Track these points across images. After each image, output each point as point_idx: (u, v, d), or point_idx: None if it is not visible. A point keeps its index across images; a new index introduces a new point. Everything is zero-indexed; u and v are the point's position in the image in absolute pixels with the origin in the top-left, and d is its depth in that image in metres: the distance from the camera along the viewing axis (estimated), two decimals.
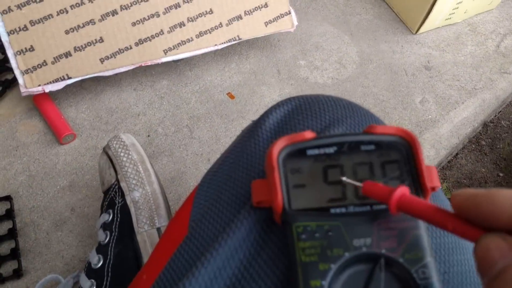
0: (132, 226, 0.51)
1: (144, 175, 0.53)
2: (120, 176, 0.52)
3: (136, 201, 0.51)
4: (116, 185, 0.53)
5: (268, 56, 0.81)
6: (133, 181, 0.52)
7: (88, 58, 0.66)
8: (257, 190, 0.29)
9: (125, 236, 0.50)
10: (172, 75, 0.76)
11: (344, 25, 0.88)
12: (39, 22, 0.63)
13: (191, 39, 0.70)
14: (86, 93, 0.72)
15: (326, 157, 0.25)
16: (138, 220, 0.51)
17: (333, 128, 0.34)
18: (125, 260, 0.49)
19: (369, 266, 0.22)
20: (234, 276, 0.29)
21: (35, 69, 0.63)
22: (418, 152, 0.24)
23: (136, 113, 0.71)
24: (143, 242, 0.50)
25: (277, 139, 0.28)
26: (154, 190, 0.52)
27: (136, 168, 0.53)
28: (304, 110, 0.36)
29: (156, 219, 0.51)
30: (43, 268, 0.58)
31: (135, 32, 0.67)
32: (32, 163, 0.65)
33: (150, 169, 0.53)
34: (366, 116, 0.36)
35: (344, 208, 0.24)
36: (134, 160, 0.53)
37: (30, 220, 0.61)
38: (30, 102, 0.70)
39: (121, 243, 0.50)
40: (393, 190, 0.21)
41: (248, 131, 0.38)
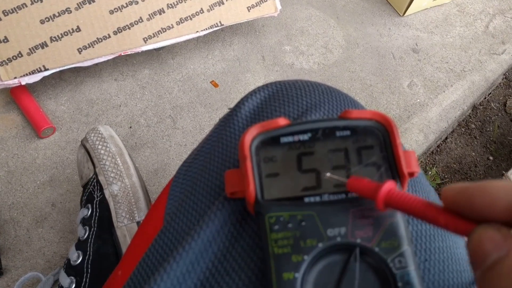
0: (112, 220, 0.49)
1: (122, 168, 0.51)
2: (98, 170, 0.51)
3: (115, 195, 0.50)
4: (94, 179, 0.51)
5: (252, 42, 0.79)
6: (111, 174, 0.50)
7: (65, 48, 0.63)
8: (230, 180, 0.28)
9: (104, 231, 0.49)
10: (154, 64, 0.74)
11: (330, 9, 0.86)
12: (12, 12, 0.61)
13: (172, 26, 0.68)
14: (65, 85, 0.70)
15: (300, 144, 0.24)
16: (117, 214, 0.49)
17: (309, 114, 0.32)
18: (105, 256, 0.48)
19: (344, 257, 0.21)
20: (207, 270, 0.28)
21: (10, 61, 0.61)
22: (395, 136, 0.23)
23: (118, 104, 0.70)
24: (122, 236, 0.49)
25: (250, 127, 0.26)
26: (133, 183, 0.51)
27: (114, 160, 0.51)
28: (281, 96, 0.35)
29: (136, 212, 0.50)
30: (24, 266, 0.57)
31: (113, 20, 0.65)
32: (11, 159, 0.64)
33: (129, 161, 0.52)
34: (345, 100, 0.34)
35: (319, 196, 0.23)
36: (112, 152, 0.51)
37: (9, 217, 0.59)
38: (7, 95, 0.68)
39: (100, 238, 0.49)
40: (379, 186, 0.20)
41: (223, 120, 0.37)
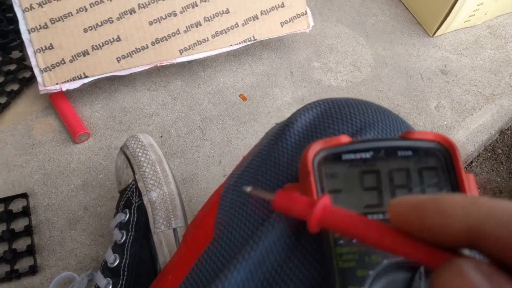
0: (149, 226, 0.51)
1: (161, 176, 0.53)
2: (138, 176, 0.52)
3: (153, 202, 0.51)
4: (133, 185, 0.53)
5: (281, 57, 0.81)
6: (150, 181, 0.52)
7: (105, 57, 0.66)
8: None
9: (141, 236, 0.50)
10: (185, 76, 0.76)
11: (359, 27, 0.88)
12: (59, 20, 0.63)
13: (207, 39, 0.70)
14: (100, 92, 0.72)
15: (362, 162, 0.25)
16: (154, 220, 0.51)
17: (364, 133, 0.33)
18: (141, 260, 0.49)
19: (409, 274, 0.21)
20: (265, 280, 0.29)
21: (53, 67, 0.64)
22: (458, 159, 0.24)
23: (150, 113, 0.71)
24: (159, 242, 0.50)
25: (312, 143, 0.27)
26: (171, 191, 0.52)
27: (154, 168, 0.53)
28: (334, 113, 0.36)
29: (173, 219, 0.51)
30: (57, 266, 0.58)
31: (152, 31, 0.67)
32: (47, 162, 0.65)
33: (167, 169, 0.53)
34: (397, 121, 0.35)
35: (382, 214, 0.24)
36: (152, 160, 0.53)
37: (45, 218, 0.61)
38: (46, 100, 0.71)
39: (137, 242, 0.50)
40: (313, 202, 0.19)
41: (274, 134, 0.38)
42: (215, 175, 0.67)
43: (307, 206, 0.18)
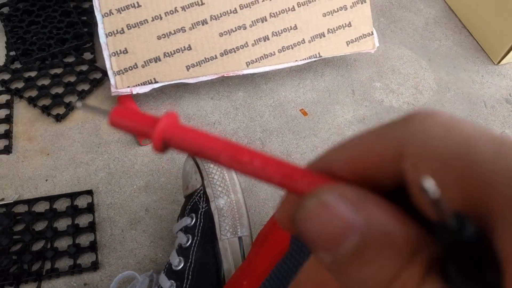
0: (215, 232, 0.51)
1: (229, 184, 0.53)
2: (206, 182, 0.53)
3: (221, 208, 0.52)
4: (201, 191, 0.54)
5: (343, 75, 0.81)
6: (218, 188, 0.53)
7: (175, 64, 0.68)
8: None
9: (207, 242, 0.51)
10: (248, 87, 0.78)
11: (422, 50, 0.87)
12: (135, 26, 0.66)
13: (273, 53, 0.71)
14: (166, 98, 0.75)
15: None
16: (221, 227, 0.51)
17: None
18: (206, 266, 0.50)
19: None
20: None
21: (126, 71, 0.66)
22: None
23: (212, 121, 0.73)
24: (224, 249, 0.51)
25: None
26: (239, 199, 0.53)
27: (222, 176, 0.54)
28: None
29: (239, 228, 0.52)
30: (117, 264, 0.60)
31: (222, 42, 0.69)
32: (112, 161, 0.68)
33: (235, 178, 0.54)
34: None
35: None
36: (221, 168, 0.54)
37: (107, 215, 0.63)
38: (113, 102, 0.73)
39: (203, 248, 0.51)
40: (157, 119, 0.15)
41: None
42: (273, 188, 0.67)
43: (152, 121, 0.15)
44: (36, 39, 0.76)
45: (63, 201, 0.64)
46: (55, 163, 0.67)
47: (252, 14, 0.70)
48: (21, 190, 0.64)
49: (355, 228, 0.12)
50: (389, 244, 0.12)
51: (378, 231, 0.12)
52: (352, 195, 0.12)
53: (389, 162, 0.13)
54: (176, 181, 0.66)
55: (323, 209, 0.12)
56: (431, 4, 0.96)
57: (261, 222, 0.64)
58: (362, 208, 0.12)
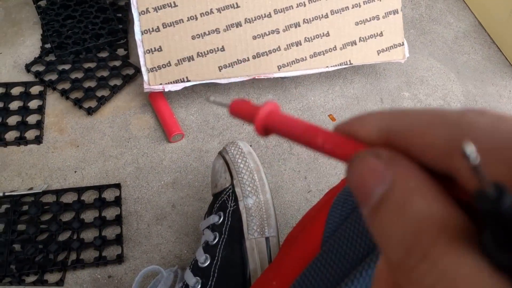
0: (242, 231, 0.52)
1: (258, 184, 0.54)
2: (236, 182, 0.54)
3: (249, 208, 0.52)
4: (230, 189, 0.54)
5: (372, 83, 0.81)
6: (248, 188, 0.53)
7: (208, 64, 0.69)
8: None
9: (234, 241, 0.51)
10: (277, 91, 0.78)
11: (451, 62, 0.87)
12: (170, 25, 0.67)
13: (305, 58, 0.72)
14: (196, 97, 0.75)
15: None
16: (249, 226, 0.52)
17: None
18: (232, 264, 0.50)
19: None
20: None
21: (159, 68, 0.67)
22: None
23: (241, 122, 0.73)
24: (251, 249, 0.51)
25: None
26: (267, 200, 0.53)
27: (252, 176, 0.54)
28: None
29: (266, 228, 0.52)
30: (141, 258, 0.60)
31: (255, 45, 0.70)
32: (141, 156, 0.68)
33: (264, 179, 0.55)
34: None
35: None
36: (251, 168, 0.54)
37: (134, 210, 0.64)
38: (144, 98, 0.74)
39: (229, 246, 0.51)
40: (258, 108, 0.19)
41: None
42: (299, 189, 0.67)
43: (255, 110, 0.19)
44: (72, 33, 0.77)
45: (91, 193, 0.65)
46: (85, 156, 0.68)
47: (286, 19, 0.70)
48: (50, 180, 0.66)
49: (384, 180, 0.14)
50: (410, 200, 0.13)
51: (403, 186, 0.14)
52: (386, 155, 0.15)
53: (439, 146, 0.14)
54: (204, 179, 0.67)
55: (361, 163, 0.15)
56: (461, 18, 0.96)
57: (286, 224, 0.64)
58: (392, 165, 0.14)
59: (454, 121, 0.14)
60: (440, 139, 0.14)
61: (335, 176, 0.69)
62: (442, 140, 0.14)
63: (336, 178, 0.68)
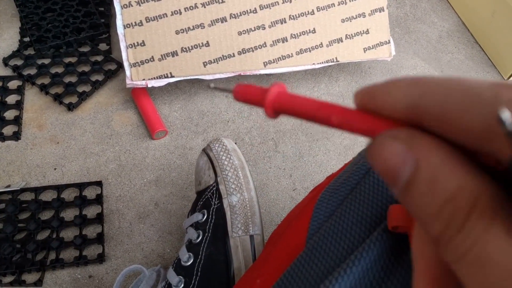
0: (226, 229, 0.51)
1: (243, 181, 0.53)
2: (220, 179, 0.53)
3: (233, 206, 0.51)
4: (214, 187, 0.53)
5: (357, 81, 0.81)
6: (232, 186, 0.52)
7: (192, 60, 0.67)
8: (394, 215, 0.29)
9: (218, 239, 0.51)
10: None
11: (435, 62, 0.87)
12: (154, 19, 0.65)
13: (291, 55, 0.71)
14: (180, 93, 0.74)
15: None
16: (233, 224, 0.51)
17: None
18: (216, 262, 0.49)
19: None
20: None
21: (142, 63, 0.66)
22: None
23: (226, 119, 0.72)
24: (235, 247, 0.50)
25: None
26: (252, 197, 0.52)
27: (236, 173, 0.53)
28: None
29: (251, 226, 0.51)
30: (123, 257, 0.59)
31: (240, 41, 0.69)
32: (123, 153, 0.67)
33: (249, 176, 0.54)
34: None
35: None
36: (235, 165, 0.54)
37: (116, 208, 0.62)
38: (127, 94, 0.73)
39: (213, 245, 0.50)
40: (266, 90, 0.18)
41: None
42: (284, 187, 0.67)
43: (263, 92, 0.18)
44: (52, 26, 0.75)
45: (71, 191, 0.63)
46: (65, 152, 0.66)
47: (272, 15, 0.70)
48: (28, 178, 0.64)
49: (408, 161, 0.14)
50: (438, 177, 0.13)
51: (428, 165, 0.14)
52: (405, 135, 0.14)
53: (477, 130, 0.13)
54: (187, 177, 0.65)
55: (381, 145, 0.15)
56: (445, 18, 0.97)
57: (271, 221, 0.63)
58: (413, 145, 0.14)
59: (491, 100, 0.13)
60: (477, 123, 0.13)
61: (320, 174, 0.69)
62: (480, 123, 0.13)
63: (322, 176, 0.68)
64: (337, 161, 0.70)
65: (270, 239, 0.45)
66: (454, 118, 0.14)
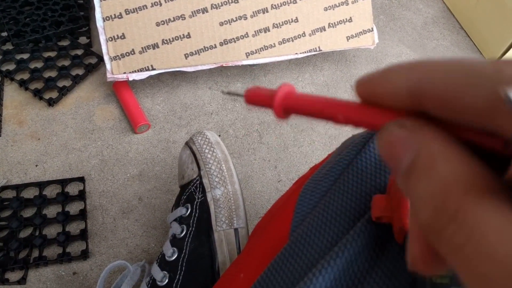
0: (210, 223, 0.50)
1: (227, 174, 0.52)
2: (203, 173, 0.52)
3: (217, 199, 0.51)
4: (197, 181, 0.53)
5: (342, 70, 0.80)
6: (215, 179, 0.52)
7: (173, 52, 0.66)
8: (378, 205, 0.29)
9: (201, 233, 0.50)
10: (246, 79, 0.76)
11: (420, 49, 0.87)
12: (133, 11, 0.64)
13: (273, 45, 0.71)
14: (162, 86, 0.73)
15: None
16: (217, 218, 0.50)
17: None
18: (200, 257, 0.49)
19: None
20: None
21: (123, 56, 0.65)
22: None
23: (210, 111, 0.72)
24: (219, 241, 0.50)
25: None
26: (235, 190, 0.52)
27: (219, 166, 0.53)
28: None
29: (235, 219, 0.51)
30: (108, 253, 0.58)
31: (222, 32, 0.68)
32: (106, 148, 0.66)
33: (232, 169, 0.53)
34: None
35: None
36: (218, 158, 0.53)
37: (99, 203, 0.62)
38: (108, 88, 0.71)
39: (197, 239, 0.50)
40: (275, 91, 0.19)
41: (356, 145, 0.38)
42: (270, 179, 0.66)
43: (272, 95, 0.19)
44: (30, 20, 0.74)
45: (53, 188, 0.62)
46: (46, 148, 0.65)
47: (254, 4, 0.69)
48: (9, 175, 0.63)
49: (411, 148, 0.14)
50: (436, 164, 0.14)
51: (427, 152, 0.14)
52: (410, 124, 0.15)
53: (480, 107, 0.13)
54: (171, 171, 0.65)
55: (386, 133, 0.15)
56: (430, 4, 0.96)
57: (256, 214, 0.63)
58: (416, 133, 0.14)
59: (492, 78, 0.13)
60: (480, 101, 0.13)
61: (305, 165, 0.68)
62: (482, 101, 0.13)
63: (307, 167, 0.68)
64: (322, 151, 0.70)
65: (253, 231, 0.45)
66: (457, 97, 0.14)
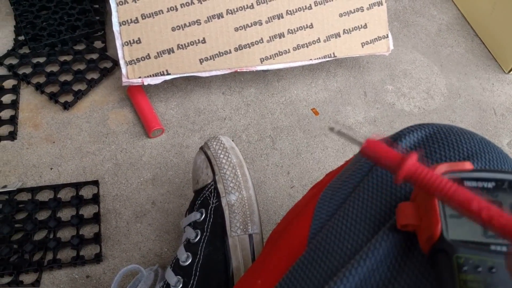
0: (225, 228, 0.50)
1: (241, 180, 0.52)
2: (218, 178, 0.52)
3: (232, 205, 0.51)
4: (212, 186, 0.53)
5: (355, 76, 0.80)
6: (230, 184, 0.52)
7: (188, 57, 0.67)
8: (405, 213, 0.29)
9: (216, 238, 0.50)
10: (260, 84, 0.77)
11: (434, 55, 0.87)
12: (149, 16, 0.65)
13: (288, 51, 0.71)
14: (176, 91, 0.73)
15: (483, 191, 0.25)
16: (231, 223, 0.50)
17: (471, 162, 0.33)
18: (214, 262, 0.49)
19: None
20: None
21: (138, 61, 0.65)
22: None
23: (223, 116, 0.72)
24: (234, 246, 0.50)
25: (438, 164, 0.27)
26: (250, 196, 0.52)
27: (234, 171, 0.52)
28: (440, 139, 0.35)
29: (250, 225, 0.51)
30: (121, 257, 0.58)
31: (237, 37, 0.68)
32: (119, 152, 0.66)
33: (247, 174, 0.53)
34: (502, 154, 0.35)
35: (505, 246, 0.23)
36: (233, 163, 0.53)
37: (112, 207, 0.62)
38: (122, 92, 0.72)
39: (212, 244, 0.50)
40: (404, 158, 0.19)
41: None
42: (282, 185, 0.66)
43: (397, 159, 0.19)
44: (47, 24, 0.74)
45: (67, 191, 0.62)
46: (61, 152, 0.66)
47: (269, 10, 0.69)
48: (25, 178, 0.63)
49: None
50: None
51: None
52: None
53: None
54: (185, 176, 0.65)
55: None
56: (444, 11, 0.96)
57: (268, 220, 0.63)
58: None
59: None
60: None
61: (318, 171, 0.68)
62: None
63: (319, 173, 0.67)
64: (335, 157, 0.70)
65: (270, 238, 0.45)
66: None
